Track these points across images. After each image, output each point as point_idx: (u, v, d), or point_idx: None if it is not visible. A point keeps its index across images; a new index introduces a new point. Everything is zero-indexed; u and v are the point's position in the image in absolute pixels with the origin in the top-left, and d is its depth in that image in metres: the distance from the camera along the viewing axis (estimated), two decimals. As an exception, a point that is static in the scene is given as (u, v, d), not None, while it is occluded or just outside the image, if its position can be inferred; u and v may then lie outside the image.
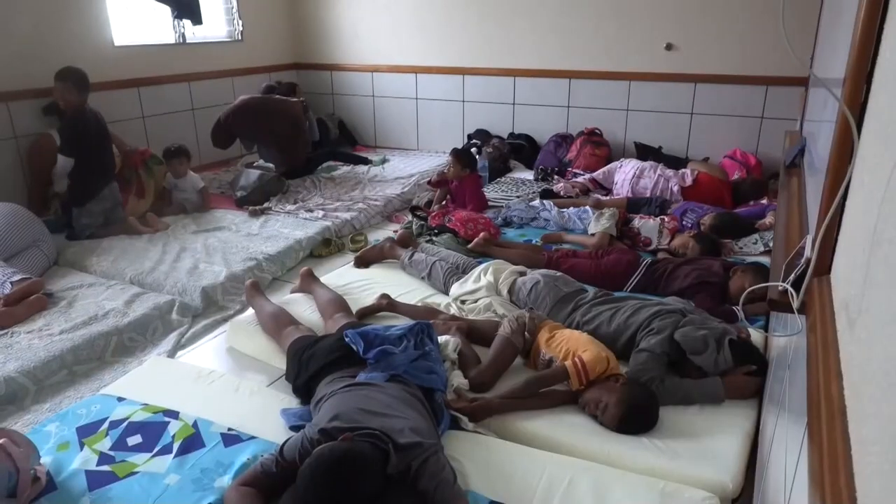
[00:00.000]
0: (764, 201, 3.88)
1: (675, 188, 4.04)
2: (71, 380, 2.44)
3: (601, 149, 4.82)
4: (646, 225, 3.42)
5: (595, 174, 4.46)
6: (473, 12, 5.25)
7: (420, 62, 5.64)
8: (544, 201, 3.94)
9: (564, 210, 3.77)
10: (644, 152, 4.79)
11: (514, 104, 5.38)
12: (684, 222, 3.54)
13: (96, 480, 1.70)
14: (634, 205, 3.87)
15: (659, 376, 2.02)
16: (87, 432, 1.89)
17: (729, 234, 3.35)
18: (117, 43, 4.52)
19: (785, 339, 1.72)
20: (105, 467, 1.75)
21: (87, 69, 3.70)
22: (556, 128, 5.21)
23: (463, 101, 5.58)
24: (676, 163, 4.50)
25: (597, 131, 4.93)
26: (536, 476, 1.68)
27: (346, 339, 2.04)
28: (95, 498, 1.64)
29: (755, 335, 2.31)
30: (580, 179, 4.47)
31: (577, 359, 2.01)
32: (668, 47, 4.65)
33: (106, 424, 1.92)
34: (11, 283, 2.80)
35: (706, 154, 4.71)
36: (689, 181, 4.07)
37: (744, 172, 4.36)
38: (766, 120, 4.53)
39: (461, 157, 3.96)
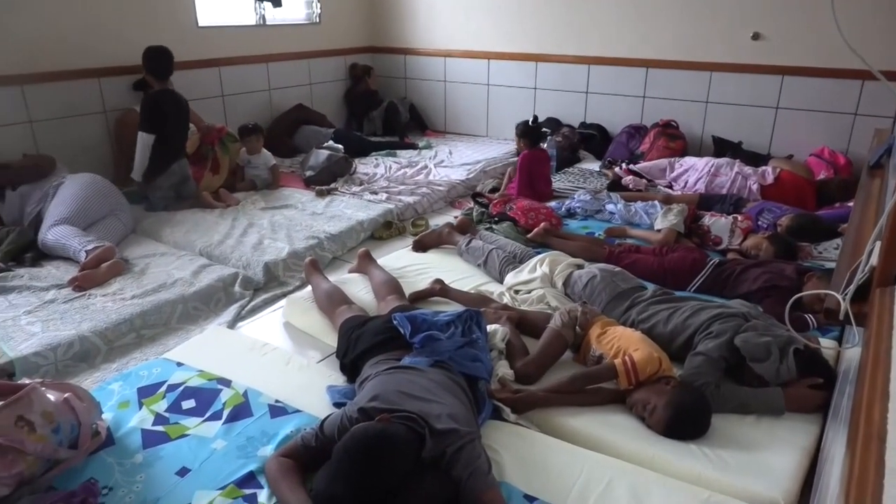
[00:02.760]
0: (851, 204, 3.61)
1: (755, 187, 3.83)
2: (138, 342, 2.58)
3: (676, 142, 4.63)
4: (717, 223, 3.27)
5: (641, 166, 4.27)
6: (550, -3, 5.15)
7: (493, 48, 5.58)
8: (611, 193, 3.83)
9: (631, 203, 3.65)
10: (722, 147, 4.57)
11: (586, 93, 5.24)
12: (759, 222, 3.36)
13: (150, 439, 1.79)
14: (707, 201, 3.70)
15: (714, 382, 1.93)
16: (146, 393, 1.99)
17: (808, 238, 3.15)
18: (201, 23, 4.70)
19: (851, 351, 1.60)
20: (159, 427, 1.84)
21: (171, 48, 3.87)
22: (630, 118, 5.04)
23: (534, 89, 5.49)
24: (756, 159, 4.27)
25: (672, 123, 4.74)
26: (574, 474, 1.64)
27: (395, 322, 2.05)
28: (148, 455, 1.73)
29: (827, 346, 2.17)
30: (619, 170, 4.30)
31: (627, 357, 1.95)
32: (755, 37, 4.39)
33: (164, 387, 2.01)
34: (86, 251, 2.97)
35: (790, 151, 4.43)
36: (770, 179, 3.84)
37: (831, 172, 4.09)
38: (859, 117, 4.22)
39: (516, 128, 4.02)
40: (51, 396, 1.68)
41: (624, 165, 4.35)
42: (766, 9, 4.31)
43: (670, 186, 4.15)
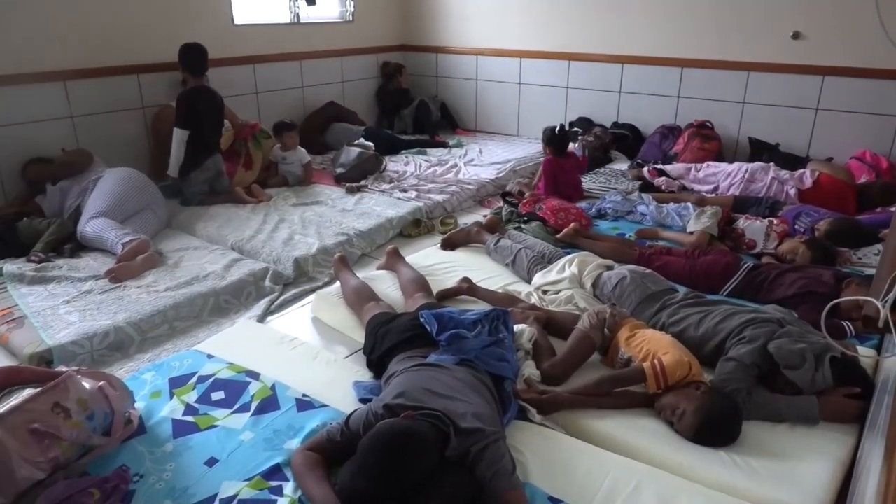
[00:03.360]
0: (894, 209, 3.50)
1: (792, 191, 3.72)
2: (170, 334, 2.63)
3: (711, 143, 4.54)
4: (751, 226, 3.20)
5: (669, 167, 4.19)
6: (584, -5, 5.10)
7: (525, 46, 5.55)
8: (643, 195, 3.77)
9: (664, 205, 3.59)
10: (758, 149, 4.47)
11: (619, 92, 5.17)
12: (796, 226, 3.28)
13: (180, 429, 1.82)
14: (742, 204, 3.62)
15: (746, 388, 1.89)
16: (177, 384, 2.03)
17: (847, 243, 3.06)
18: (237, 21, 4.77)
19: (891, 360, 1.55)
20: (189, 418, 1.87)
21: (208, 46, 3.94)
22: (664, 118, 4.97)
23: (567, 88, 5.44)
24: (794, 162, 4.17)
25: (707, 124, 4.65)
26: (600, 477, 1.62)
27: (421, 320, 2.05)
28: (178, 444, 1.76)
29: (865, 355, 2.11)
30: (647, 171, 4.23)
31: (656, 361, 1.92)
32: (796, 36, 4.29)
33: (195, 378, 2.05)
34: (122, 244, 3.05)
35: (830, 154, 4.32)
36: (808, 183, 3.74)
37: (873, 176, 3.97)
38: (904, 119, 4.09)
39: (543, 133, 4.01)
40: (86, 384, 1.73)
41: (651, 166, 4.29)
42: (807, 7, 4.20)
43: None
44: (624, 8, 4.93)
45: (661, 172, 4.16)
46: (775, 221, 3.22)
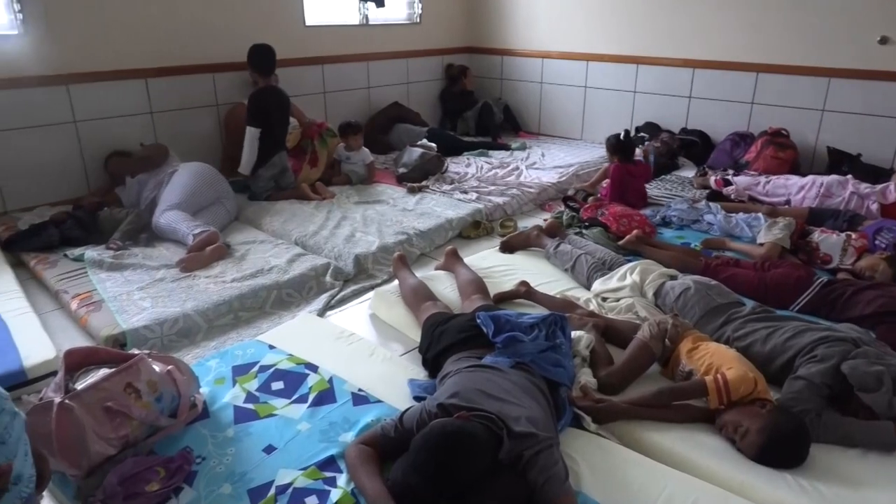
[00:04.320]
0: None
1: (874, 206, 3.50)
2: (235, 324, 2.72)
3: (786, 151, 4.35)
4: (827, 240, 3.04)
5: (736, 178, 4.02)
6: (655, -2, 4.99)
7: (592, 49, 5.47)
8: (710, 203, 3.65)
9: (732, 215, 3.47)
10: (837, 159, 4.25)
11: (689, 97, 5.03)
12: (877, 241, 3.09)
13: (241, 415, 1.89)
14: (817, 216, 3.44)
15: (815, 409, 1.80)
16: (240, 372, 2.10)
17: (933, 261, 2.87)
18: (308, 23, 4.90)
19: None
20: (250, 405, 1.93)
21: (280, 47, 4.06)
22: (736, 125, 4.79)
23: (634, 92, 5.33)
24: (876, 174, 3.94)
25: (783, 132, 4.46)
26: (656, 491, 1.58)
27: (478, 321, 2.05)
28: (238, 430, 1.82)
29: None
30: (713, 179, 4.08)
31: (719, 375, 1.85)
32: (884, 41, 4.06)
33: (256, 367, 2.12)
34: (193, 235, 3.18)
35: (918, 166, 4.07)
36: (892, 197, 3.51)
37: (965, 191, 3.70)
38: None
39: (607, 142, 3.96)
40: (156, 367, 1.81)
41: (718, 175, 4.14)
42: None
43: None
44: (696, 10, 4.79)
45: (728, 183, 4.02)
46: (854, 236, 3.05)
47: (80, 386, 1.68)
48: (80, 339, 2.57)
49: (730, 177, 4.10)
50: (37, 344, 2.30)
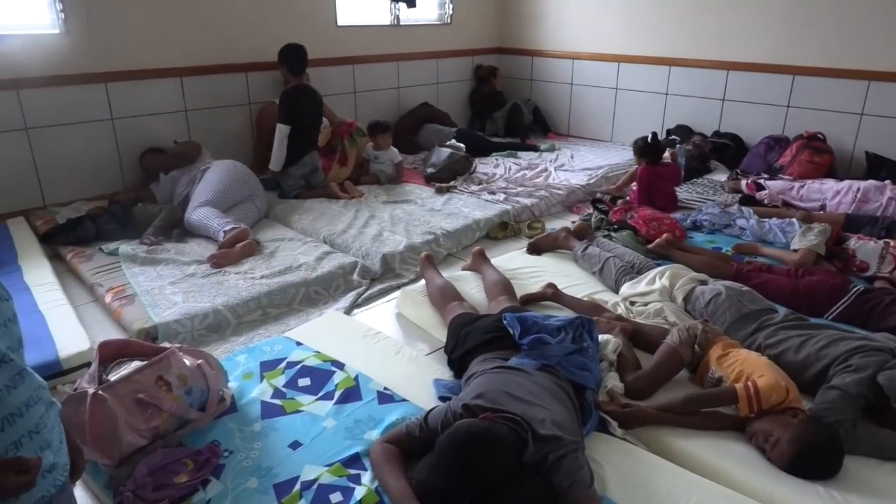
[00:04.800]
0: None
1: (917, 213, 3.42)
2: (263, 320, 2.76)
3: (822, 156, 4.25)
4: (864, 247, 2.96)
5: (770, 182, 3.93)
6: (689, -1, 4.92)
7: (624, 51, 5.41)
8: (743, 208, 3.59)
9: (765, 220, 3.40)
10: (876, 164, 4.14)
11: (723, 100, 4.94)
12: (917, 249, 3.01)
13: (268, 410, 1.91)
14: (854, 223, 3.36)
15: (850, 420, 1.75)
16: (267, 367, 2.13)
17: (976, 271, 2.79)
18: (340, 23, 4.94)
19: None
20: (276, 401, 1.95)
21: (311, 47, 4.10)
22: (770, 129, 4.70)
23: (666, 94, 5.26)
24: (917, 179, 3.83)
25: (819, 136, 4.35)
26: (682, 498, 1.56)
27: (505, 322, 2.05)
28: (265, 425, 1.84)
29: None
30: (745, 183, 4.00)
31: (750, 383, 1.82)
32: (927, 43, 3.95)
33: (284, 364, 2.14)
34: (224, 231, 3.23)
35: (961, 172, 3.94)
36: (932, 203, 3.43)
37: None
38: None
39: (634, 144, 3.92)
40: (187, 361, 1.85)
41: (750, 179, 4.06)
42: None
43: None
44: (732, 12, 4.70)
45: (760, 187, 3.94)
46: (892, 243, 2.97)
47: (113, 377, 1.72)
48: (113, 331, 2.63)
49: (762, 181, 4.02)
50: (72, 335, 2.35)
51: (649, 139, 3.85)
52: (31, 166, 3.70)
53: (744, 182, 4.07)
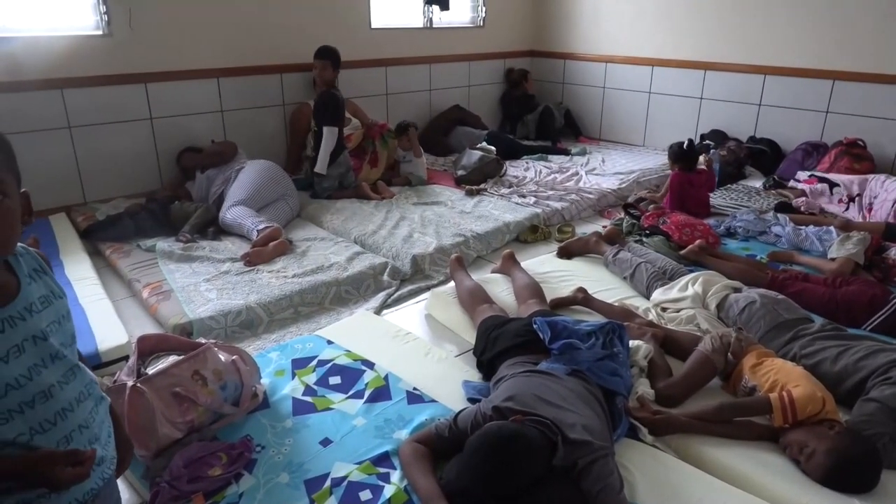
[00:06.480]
0: None
1: (957, 221, 3.33)
2: (295, 318, 2.80)
3: (862, 163, 4.15)
4: (906, 257, 2.89)
5: (831, 175, 3.84)
6: (725, 1, 4.83)
7: (658, 54, 5.36)
8: (779, 215, 3.52)
9: (802, 227, 3.33)
10: (919, 172, 4.03)
11: (759, 105, 4.86)
12: (961, 260, 2.92)
13: (299, 407, 1.94)
14: (894, 231, 3.28)
15: (889, 434, 1.71)
16: (299, 365, 2.16)
17: None
18: (374, 25, 4.98)
19: None
20: (308, 398, 1.98)
21: (345, 49, 4.15)
22: (808, 135, 4.61)
23: (700, 98, 5.19)
24: (962, 188, 3.71)
25: (859, 142, 4.26)
26: (714, 508, 1.54)
27: (535, 326, 2.05)
28: (296, 422, 1.87)
29: None
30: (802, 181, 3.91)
31: (785, 393, 1.79)
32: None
33: (315, 362, 2.17)
34: (258, 230, 3.28)
35: None
36: (976, 212, 3.33)
37: None
38: None
39: (669, 149, 3.87)
40: (222, 357, 1.88)
41: (806, 175, 3.96)
42: None
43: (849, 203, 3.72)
44: (770, 15, 4.63)
45: (823, 180, 3.82)
46: (935, 253, 2.89)
47: (151, 371, 1.76)
48: (150, 326, 2.69)
49: (829, 176, 3.89)
50: (111, 329, 2.42)
51: (685, 145, 3.80)
52: (73, 164, 3.82)
53: (803, 176, 3.96)
